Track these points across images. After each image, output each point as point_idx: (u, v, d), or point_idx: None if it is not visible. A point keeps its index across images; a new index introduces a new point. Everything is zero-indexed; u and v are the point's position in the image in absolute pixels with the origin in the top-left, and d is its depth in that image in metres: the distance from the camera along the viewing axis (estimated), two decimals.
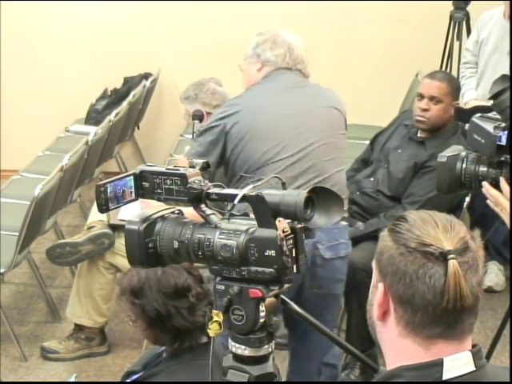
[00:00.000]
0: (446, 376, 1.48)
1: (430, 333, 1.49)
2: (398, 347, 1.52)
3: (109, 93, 6.63)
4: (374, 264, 1.56)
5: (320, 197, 1.66)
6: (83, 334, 4.57)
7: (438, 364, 1.48)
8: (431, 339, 1.49)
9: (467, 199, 4.46)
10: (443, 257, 1.46)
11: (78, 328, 4.58)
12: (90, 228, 4.48)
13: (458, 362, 1.49)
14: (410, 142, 4.46)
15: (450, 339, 1.49)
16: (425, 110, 4.35)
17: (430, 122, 4.36)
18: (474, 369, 1.50)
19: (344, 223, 3.63)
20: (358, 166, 4.71)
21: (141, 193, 1.79)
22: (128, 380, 2.72)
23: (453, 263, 1.45)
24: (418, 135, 4.45)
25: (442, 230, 1.49)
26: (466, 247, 1.49)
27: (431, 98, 4.36)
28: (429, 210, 1.58)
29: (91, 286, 4.48)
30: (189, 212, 1.78)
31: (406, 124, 4.56)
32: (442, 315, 1.47)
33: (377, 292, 1.53)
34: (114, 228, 4.37)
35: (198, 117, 4.36)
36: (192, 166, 1.76)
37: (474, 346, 1.53)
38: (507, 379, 1.55)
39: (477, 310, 1.51)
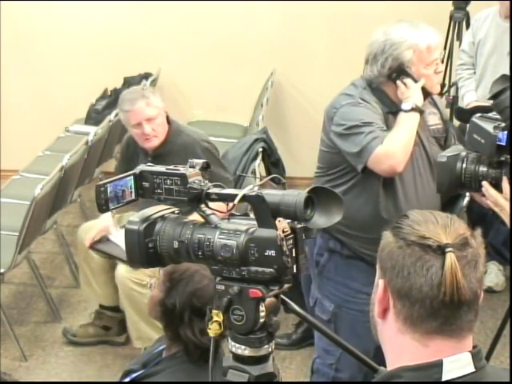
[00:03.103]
0: (445, 377, 1.48)
1: (427, 327, 1.49)
2: (397, 345, 1.53)
3: (109, 93, 6.63)
4: (377, 264, 1.57)
5: (320, 197, 1.67)
6: (102, 323, 4.63)
7: (438, 365, 1.48)
8: (429, 335, 1.49)
9: (466, 199, 4.46)
10: (441, 250, 1.47)
11: (98, 316, 4.62)
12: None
13: (457, 363, 1.49)
14: None
15: (447, 336, 1.49)
16: None
17: None
18: (474, 370, 1.50)
19: None
20: None
21: (141, 193, 1.79)
22: (127, 378, 2.72)
23: (450, 256, 1.46)
24: None
25: (442, 226, 1.51)
26: (465, 243, 1.50)
27: None
28: None
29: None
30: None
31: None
32: (439, 308, 1.48)
33: (378, 289, 1.54)
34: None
35: None
36: (192, 166, 1.76)
37: (474, 346, 1.53)
38: (507, 380, 1.55)
39: (476, 307, 1.51)
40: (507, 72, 3.97)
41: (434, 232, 1.49)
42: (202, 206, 1.73)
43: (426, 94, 3.23)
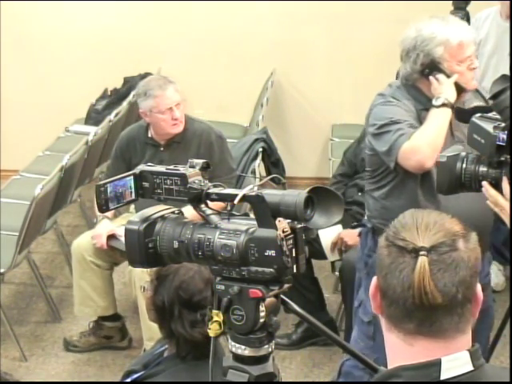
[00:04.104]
0: (443, 376, 1.48)
1: (405, 327, 1.50)
2: (388, 342, 1.55)
3: (109, 93, 6.63)
4: None
5: (320, 197, 1.67)
6: (103, 333, 4.62)
7: (436, 364, 1.48)
8: (411, 335, 1.50)
9: None
10: (415, 252, 1.48)
11: (98, 327, 4.61)
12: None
13: (455, 361, 1.49)
14: None
15: (430, 337, 1.49)
16: None
17: None
18: (472, 369, 1.50)
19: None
20: (337, 180, 4.73)
21: (141, 193, 1.79)
22: (128, 379, 2.72)
23: (421, 259, 1.46)
24: None
25: (423, 228, 1.51)
26: (449, 245, 1.49)
27: None
28: None
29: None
30: (190, 212, 1.78)
31: None
32: (412, 310, 1.48)
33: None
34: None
35: None
36: (192, 166, 1.76)
37: (472, 345, 1.53)
38: (505, 379, 1.55)
39: (460, 311, 1.49)
40: (507, 72, 3.98)
41: (413, 234, 1.50)
42: (202, 205, 1.73)
43: (461, 90, 3.22)
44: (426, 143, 3.09)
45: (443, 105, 3.13)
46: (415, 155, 3.10)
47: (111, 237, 4.39)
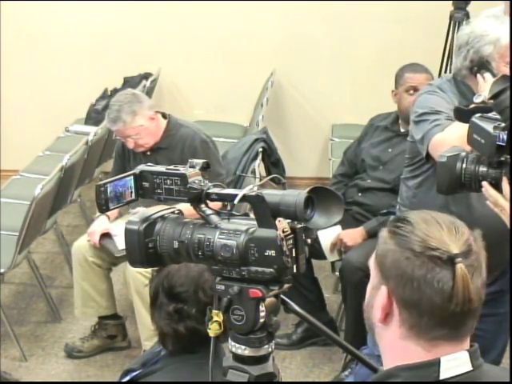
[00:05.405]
0: (442, 376, 1.48)
1: (433, 335, 1.49)
2: (399, 348, 1.52)
3: (109, 93, 6.63)
4: (373, 265, 1.55)
5: (320, 197, 1.67)
6: (107, 333, 4.62)
7: (435, 364, 1.48)
8: (435, 341, 1.49)
9: None
10: (451, 261, 1.45)
11: (102, 327, 4.61)
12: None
13: (454, 361, 1.48)
14: (397, 140, 4.48)
15: (452, 341, 1.49)
16: None
17: None
18: (471, 368, 1.49)
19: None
20: (338, 180, 4.73)
21: (141, 193, 1.79)
22: (127, 377, 2.72)
23: (460, 267, 1.45)
24: (402, 130, 4.46)
25: (448, 233, 1.49)
26: (469, 249, 1.48)
27: None
28: None
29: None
30: (185, 207, 1.78)
31: (386, 126, 4.58)
32: (448, 318, 1.47)
33: (378, 294, 1.52)
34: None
35: None
36: (192, 166, 1.76)
37: (471, 345, 1.53)
38: (505, 379, 1.55)
39: (480, 311, 1.50)
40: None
41: (441, 241, 1.47)
42: (202, 205, 1.73)
43: None
44: (456, 138, 3.03)
45: (482, 102, 3.13)
46: (443, 148, 3.07)
47: (105, 235, 4.40)
